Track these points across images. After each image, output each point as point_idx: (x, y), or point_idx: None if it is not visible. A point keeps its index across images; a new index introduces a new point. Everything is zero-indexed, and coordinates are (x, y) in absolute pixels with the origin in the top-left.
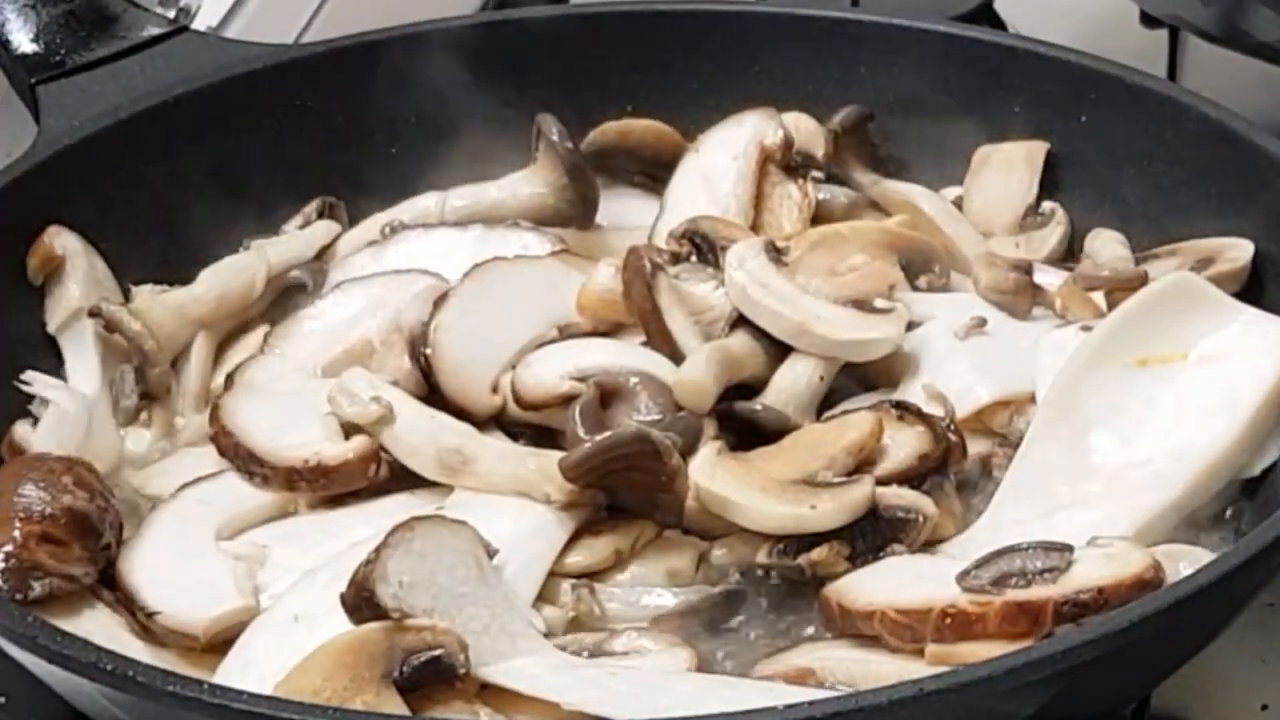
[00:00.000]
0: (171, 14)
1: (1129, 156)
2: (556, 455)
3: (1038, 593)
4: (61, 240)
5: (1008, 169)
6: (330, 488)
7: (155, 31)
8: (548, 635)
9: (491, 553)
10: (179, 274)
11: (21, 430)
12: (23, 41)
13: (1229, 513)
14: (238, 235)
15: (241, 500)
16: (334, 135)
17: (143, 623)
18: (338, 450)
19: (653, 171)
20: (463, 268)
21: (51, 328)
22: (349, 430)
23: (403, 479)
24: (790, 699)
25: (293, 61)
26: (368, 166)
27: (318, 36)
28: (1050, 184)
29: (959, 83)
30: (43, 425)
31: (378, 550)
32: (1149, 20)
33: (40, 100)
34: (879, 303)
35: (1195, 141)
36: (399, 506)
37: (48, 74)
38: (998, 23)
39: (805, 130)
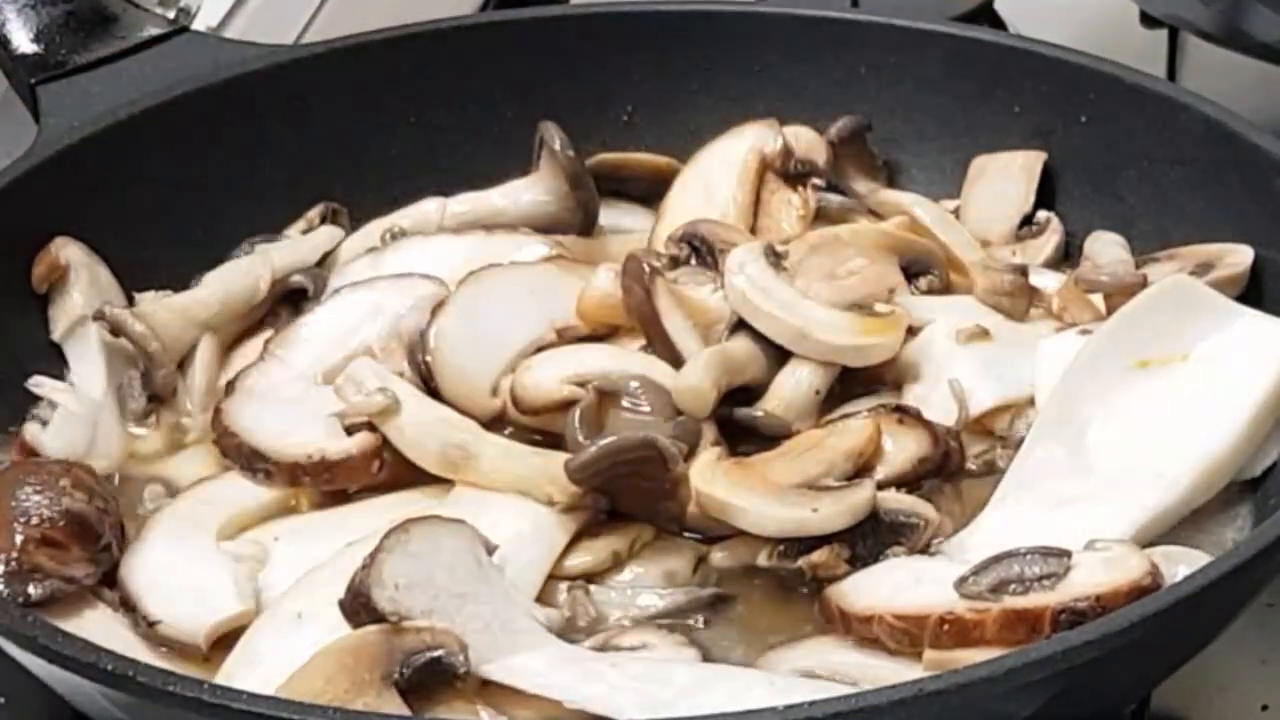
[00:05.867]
0: (171, 14)
1: (1129, 156)
2: (560, 456)
3: (1036, 600)
4: (67, 251)
5: (1004, 178)
6: (333, 483)
7: (155, 31)
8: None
9: (490, 549)
10: (180, 275)
11: (32, 430)
12: (23, 41)
13: (1229, 513)
14: (237, 236)
15: (244, 498)
16: (334, 136)
17: (145, 631)
18: (341, 446)
19: (648, 195)
20: (462, 274)
21: (56, 335)
22: (351, 430)
23: (406, 475)
24: (790, 695)
25: (293, 61)
26: (368, 168)
27: (318, 36)
28: (1050, 185)
29: (959, 83)
30: (52, 426)
31: (373, 554)
32: (1149, 20)
33: (40, 100)
34: (879, 307)
35: (1195, 141)
36: (402, 503)
37: (48, 74)
38: (998, 23)
39: (805, 140)
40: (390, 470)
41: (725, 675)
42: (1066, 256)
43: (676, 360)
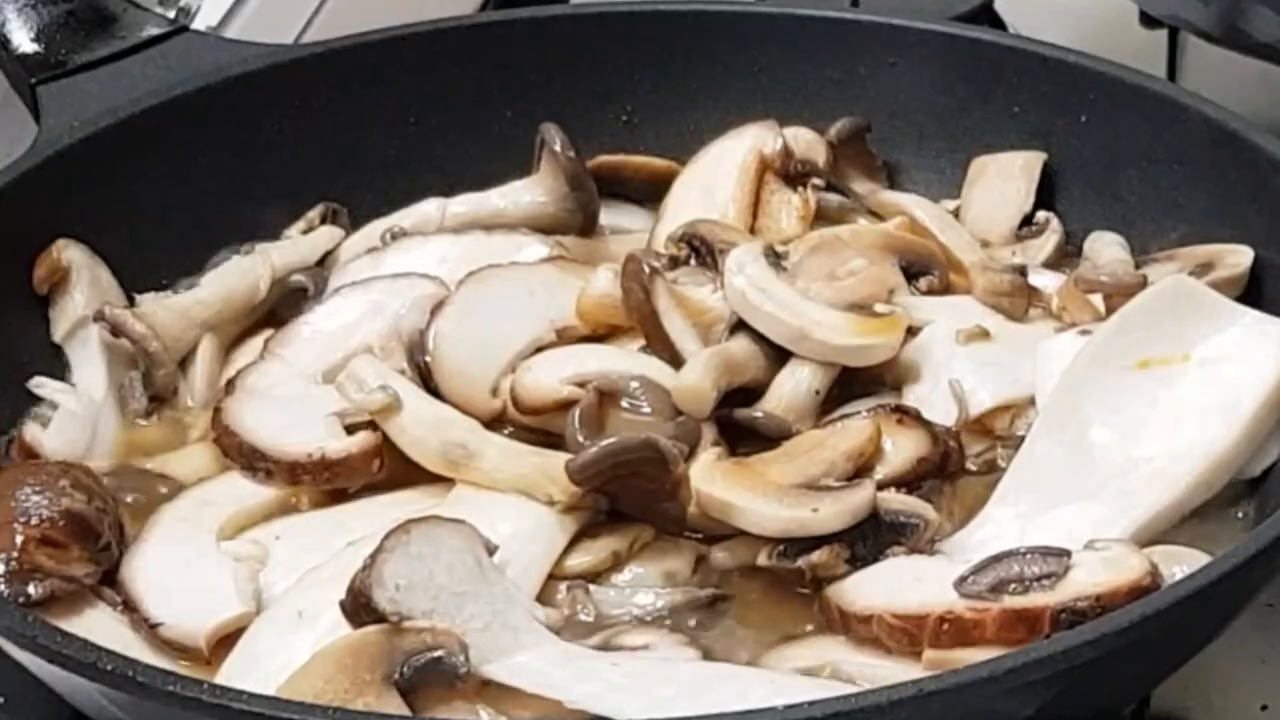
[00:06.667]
0: (171, 14)
1: (1129, 157)
2: (560, 456)
3: (1035, 600)
4: (68, 253)
5: (1004, 179)
6: (334, 482)
7: (155, 31)
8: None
9: (491, 549)
10: (180, 275)
11: (33, 431)
12: (23, 41)
13: (1229, 513)
14: (238, 237)
15: (244, 497)
16: (334, 136)
17: (146, 633)
18: (341, 444)
19: (648, 196)
20: (461, 274)
21: (57, 337)
22: (352, 429)
23: (406, 475)
24: (791, 695)
25: (293, 61)
26: (368, 167)
27: (318, 36)
28: (1050, 185)
29: (959, 83)
30: (52, 426)
31: (373, 555)
32: (1149, 20)
33: (40, 100)
34: (879, 307)
35: (1195, 141)
36: (402, 503)
37: (48, 74)
38: (998, 23)
39: (805, 140)
40: (390, 469)
41: (725, 675)
42: (1066, 256)
43: (676, 360)
